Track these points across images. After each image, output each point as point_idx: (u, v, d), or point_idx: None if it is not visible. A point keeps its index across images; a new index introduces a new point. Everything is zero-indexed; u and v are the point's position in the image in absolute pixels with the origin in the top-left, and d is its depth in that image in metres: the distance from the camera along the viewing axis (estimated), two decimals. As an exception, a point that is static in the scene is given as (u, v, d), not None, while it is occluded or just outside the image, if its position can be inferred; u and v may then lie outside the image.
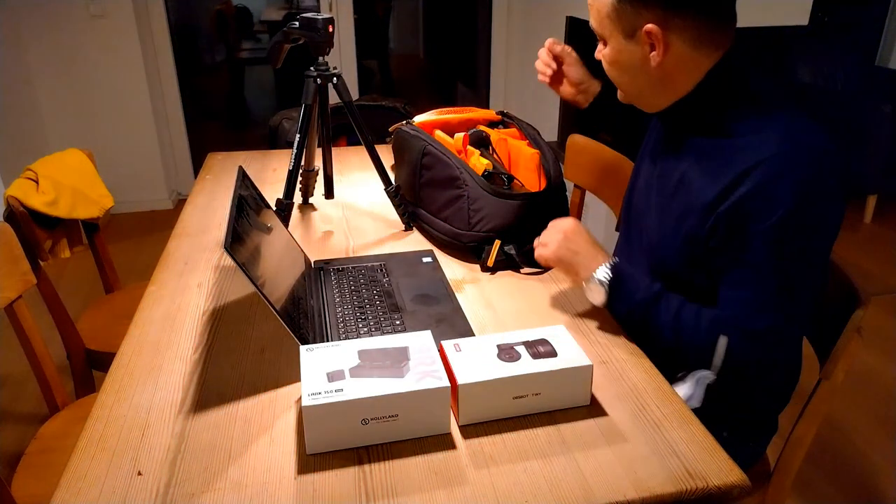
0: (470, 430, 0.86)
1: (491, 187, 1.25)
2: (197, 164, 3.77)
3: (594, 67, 1.24)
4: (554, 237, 1.11)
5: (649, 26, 0.95)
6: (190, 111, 3.68)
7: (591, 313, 1.13)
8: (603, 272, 1.05)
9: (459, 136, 1.41)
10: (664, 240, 1.07)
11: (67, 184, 1.62)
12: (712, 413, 1.09)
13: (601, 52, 1.06)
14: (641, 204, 1.17)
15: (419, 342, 0.90)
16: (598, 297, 1.06)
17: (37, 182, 1.54)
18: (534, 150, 1.34)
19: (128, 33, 3.27)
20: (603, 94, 1.33)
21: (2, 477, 1.09)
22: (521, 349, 0.91)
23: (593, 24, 1.03)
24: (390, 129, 1.45)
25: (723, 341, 0.97)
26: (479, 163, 1.33)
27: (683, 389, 1.05)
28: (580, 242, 1.09)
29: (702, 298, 1.03)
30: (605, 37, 1.02)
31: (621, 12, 0.97)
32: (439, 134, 1.46)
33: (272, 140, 2.78)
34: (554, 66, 1.33)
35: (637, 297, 1.03)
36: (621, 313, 1.07)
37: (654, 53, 0.98)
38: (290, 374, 0.97)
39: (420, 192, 1.39)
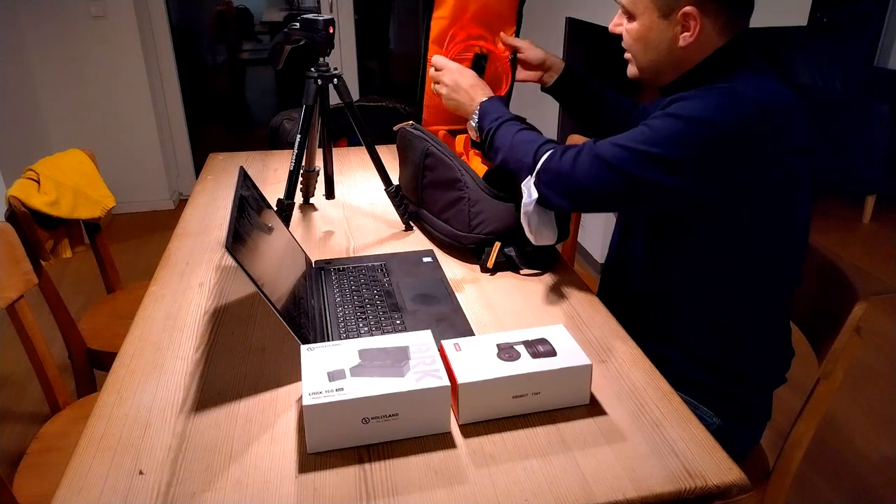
0: (470, 430, 0.86)
1: (491, 190, 1.25)
2: (198, 165, 3.78)
3: (593, 68, 1.25)
4: (449, 77, 1.29)
5: (689, 8, 1.00)
6: (191, 112, 3.69)
7: (591, 313, 1.13)
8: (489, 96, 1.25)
9: (461, 137, 1.41)
10: None
11: (69, 184, 1.63)
12: (700, 400, 1.11)
13: (623, 27, 1.11)
14: None
15: (419, 342, 0.91)
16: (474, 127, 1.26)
17: (38, 182, 1.55)
18: None
19: (129, 34, 3.28)
20: (567, 73, 1.39)
21: (3, 476, 1.09)
22: (521, 349, 0.91)
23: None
24: (395, 129, 1.45)
25: (551, 149, 1.10)
26: (481, 165, 1.34)
27: (525, 200, 1.14)
28: (468, 89, 1.27)
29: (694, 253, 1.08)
30: (636, 13, 1.07)
31: None
32: (444, 134, 1.46)
33: (273, 140, 2.79)
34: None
35: (495, 117, 1.20)
36: (483, 130, 1.22)
37: (685, 34, 1.03)
38: (291, 373, 0.97)
39: (422, 193, 1.39)
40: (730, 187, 0.98)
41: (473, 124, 1.25)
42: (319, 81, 1.36)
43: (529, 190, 1.12)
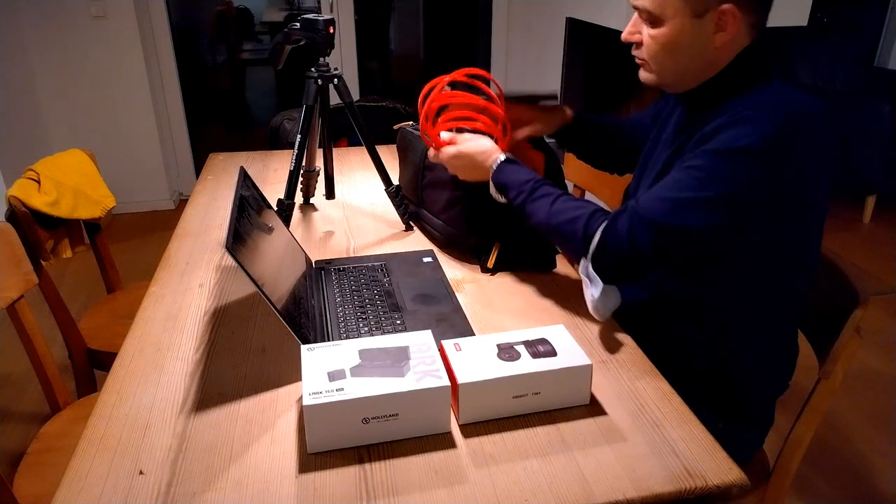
0: (470, 430, 0.86)
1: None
2: (198, 165, 3.78)
3: (593, 68, 1.23)
4: (449, 162, 1.21)
5: (727, 6, 0.95)
6: (191, 112, 3.69)
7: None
8: (501, 156, 1.16)
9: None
10: None
11: (69, 184, 1.63)
12: (705, 403, 1.11)
13: (644, 34, 1.03)
14: (644, 188, 1.16)
15: (419, 341, 0.91)
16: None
17: (38, 182, 1.55)
18: (537, 152, 1.34)
19: (129, 34, 3.28)
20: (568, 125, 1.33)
21: (3, 476, 1.09)
22: (521, 349, 0.91)
23: (647, 4, 1.00)
24: (395, 129, 1.45)
25: (604, 223, 1.01)
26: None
27: (591, 293, 1.07)
28: (473, 165, 1.18)
29: (695, 284, 1.05)
30: (665, 17, 0.99)
31: None
32: None
33: (273, 141, 2.79)
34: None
35: (516, 192, 1.11)
36: (509, 190, 1.13)
37: (720, 34, 0.98)
38: (291, 373, 0.97)
39: (422, 193, 1.39)
40: (770, 206, 0.95)
41: (493, 192, 1.18)
42: (319, 81, 1.36)
43: (591, 278, 1.05)
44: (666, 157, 1.09)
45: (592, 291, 1.05)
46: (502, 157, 1.15)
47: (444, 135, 1.22)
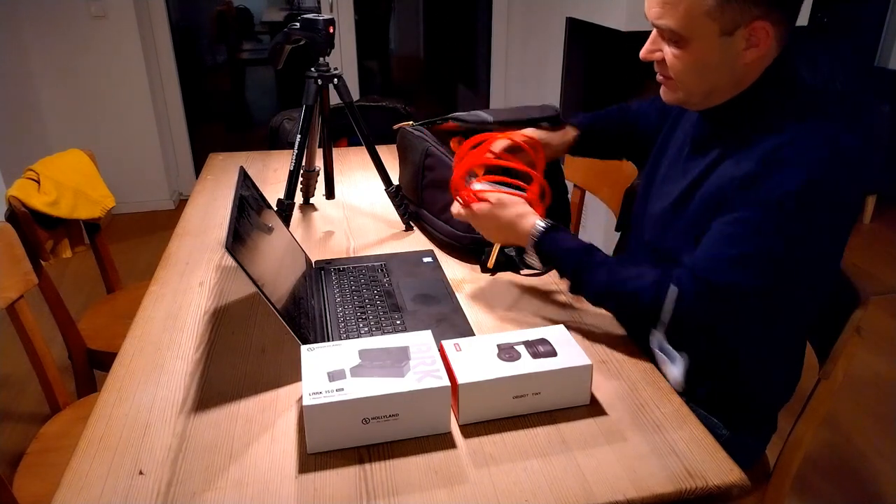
0: (470, 430, 0.86)
1: (491, 188, 1.25)
2: (198, 165, 3.78)
3: (593, 68, 1.21)
4: (477, 220, 1.14)
5: (759, 23, 0.91)
6: (191, 112, 3.69)
7: (592, 313, 1.13)
8: (541, 222, 1.08)
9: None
10: (677, 234, 1.06)
11: (69, 184, 1.62)
12: (711, 411, 1.10)
13: (667, 53, 0.98)
14: (661, 200, 1.13)
15: (419, 342, 0.91)
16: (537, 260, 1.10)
17: (38, 182, 1.55)
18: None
19: (129, 34, 3.28)
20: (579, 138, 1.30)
21: (3, 476, 1.09)
22: (521, 349, 0.91)
23: (672, 23, 0.93)
24: (395, 128, 1.45)
25: (673, 292, 0.96)
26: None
27: (672, 371, 1.02)
28: (502, 217, 1.10)
29: None
30: (691, 36, 0.93)
31: (727, 9, 0.91)
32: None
33: (273, 140, 2.78)
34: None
35: (571, 245, 1.05)
36: (558, 260, 1.07)
37: (751, 50, 0.94)
38: (291, 373, 0.97)
39: (422, 193, 1.39)
40: (819, 244, 0.94)
41: (529, 259, 1.12)
42: (319, 81, 1.36)
43: (670, 355, 1.00)
44: (691, 177, 1.05)
45: (673, 370, 1.00)
46: (542, 223, 1.07)
47: (479, 185, 1.15)
